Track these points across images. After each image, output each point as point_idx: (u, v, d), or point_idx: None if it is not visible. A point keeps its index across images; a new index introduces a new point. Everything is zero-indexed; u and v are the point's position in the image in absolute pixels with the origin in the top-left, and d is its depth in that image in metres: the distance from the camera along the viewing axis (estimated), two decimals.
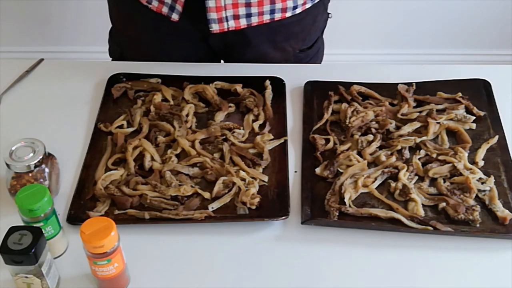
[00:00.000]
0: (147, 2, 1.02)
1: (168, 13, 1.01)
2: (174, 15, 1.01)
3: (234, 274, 0.76)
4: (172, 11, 1.01)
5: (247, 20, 1.02)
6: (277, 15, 1.02)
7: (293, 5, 1.02)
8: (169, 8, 1.01)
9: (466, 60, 2.29)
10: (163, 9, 1.01)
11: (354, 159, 0.86)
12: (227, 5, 0.98)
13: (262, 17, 1.01)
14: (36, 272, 0.69)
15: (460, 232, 0.78)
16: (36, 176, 0.79)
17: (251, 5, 0.98)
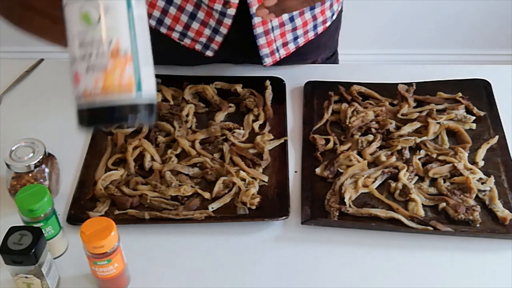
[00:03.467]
0: (178, 39, 1.00)
1: (202, 50, 1.01)
2: (208, 52, 1.01)
3: (234, 274, 0.76)
4: (206, 49, 1.00)
5: (294, 43, 1.03)
6: (319, 29, 1.02)
7: (331, 13, 1.02)
8: (203, 46, 1.00)
9: (466, 60, 2.29)
10: (196, 46, 1.00)
11: (354, 159, 0.86)
12: (276, 36, 0.98)
13: (308, 35, 1.02)
14: (36, 272, 0.68)
15: (460, 232, 0.78)
16: (36, 176, 0.79)
17: (296, 28, 0.99)
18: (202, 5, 0.94)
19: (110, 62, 0.39)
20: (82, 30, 0.40)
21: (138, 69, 0.41)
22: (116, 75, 0.40)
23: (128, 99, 0.41)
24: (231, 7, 0.92)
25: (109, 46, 0.40)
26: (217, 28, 0.96)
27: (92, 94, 0.40)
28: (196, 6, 0.95)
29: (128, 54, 0.40)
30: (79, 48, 0.40)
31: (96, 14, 0.39)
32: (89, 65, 0.40)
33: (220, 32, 0.97)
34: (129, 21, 0.40)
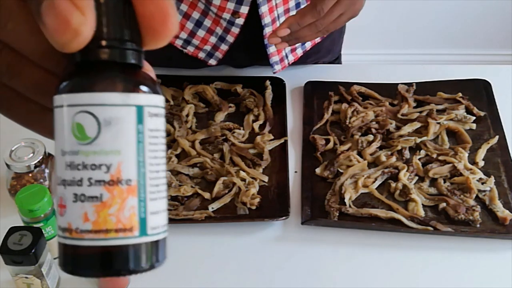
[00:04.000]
0: (181, 47, 1.00)
1: (205, 58, 1.00)
2: (211, 61, 1.00)
3: (234, 274, 0.76)
4: (210, 57, 1.00)
5: (302, 48, 1.02)
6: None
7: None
8: (207, 54, 1.00)
9: (466, 60, 2.30)
10: (200, 54, 1.00)
11: (354, 159, 0.86)
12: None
13: (315, 39, 1.02)
14: (36, 273, 0.68)
15: (460, 232, 0.78)
16: (36, 176, 0.79)
17: None
18: (210, 13, 0.94)
19: (106, 193, 0.29)
20: (73, 146, 0.29)
21: (145, 204, 0.30)
22: (113, 210, 0.29)
23: (126, 242, 0.30)
24: (240, 17, 0.92)
25: (107, 172, 0.29)
26: (224, 36, 0.96)
27: (78, 231, 0.29)
28: (203, 13, 0.94)
29: (132, 184, 0.30)
30: (67, 168, 0.29)
31: (94, 129, 0.29)
32: (78, 193, 0.29)
33: (226, 41, 0.96)
34: (137, 140, 0.30)
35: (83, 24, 0.26)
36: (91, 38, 0.27)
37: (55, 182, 0.31)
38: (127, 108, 0.29)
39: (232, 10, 0.90)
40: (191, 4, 0.93)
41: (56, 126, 0.30)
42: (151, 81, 0.31)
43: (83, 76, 0.29)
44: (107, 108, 0.29)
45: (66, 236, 0.30)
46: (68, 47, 0.27)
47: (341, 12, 0.83)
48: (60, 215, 0.30)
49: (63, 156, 0.30)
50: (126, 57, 0.30)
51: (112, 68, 0.30)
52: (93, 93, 0.29)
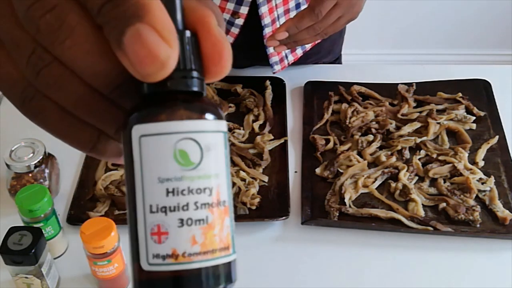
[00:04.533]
0: None
1: None
2: None
3: None
4: None
5: (302, 48, 1.02)
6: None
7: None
8: None
9: (466, 60, 2.30)
10: None
11: (354, 159, 0.86)
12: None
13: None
14: (36, 273, 0.68)
15: (460, 232, 0.78)
16: (36, 176, 0.79)
17: None
18: None
19: (211, 215, 0.31)
20: (174, 173, 0.30)
21: (232, 223, 0.32)
22: (216, 231, 0.31)
23: (226, 260, 0.32)
24: (240, 18, 0.92)
25: (210, 195, 0.31)
26: None
27: (186, 255, 0.30)
28: None
29: (226, 205, 0.32)
30: (168, 195, 0.30)
31: (197, 155, 0.30)
32: (185, 218, 0.30)
33: None
34: (226, 164, 0.32)
35: (170, 57, 0.27)
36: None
37: (142, 211, 0.31)
38: (218, 135, 0.31)
39: (232, 11, 0.90)
40: None
41: (147, 154, 0.30)
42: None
43: (178, 104, 0.30)
44: (207, 135, 0.30)
45: (170, 263, 0.30)
46: (153, 77, 0.27)
47: (340, 15, 0.83)
48: (156, 243, 0.30)
49: (162, 183, 0.30)
50: (203, 86, 0.32)
51: (198, 97, 0.32)
52: (194, 120, 0.30)
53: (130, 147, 0.30)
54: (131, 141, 0.30)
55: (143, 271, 0.30)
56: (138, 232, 0.31)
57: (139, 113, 0.30)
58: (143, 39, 0.26)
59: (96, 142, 0.33)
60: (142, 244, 0.30)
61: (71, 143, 0.33)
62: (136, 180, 0.30)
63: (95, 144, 0.33)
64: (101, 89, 0.30)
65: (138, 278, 0.31)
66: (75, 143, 0.33)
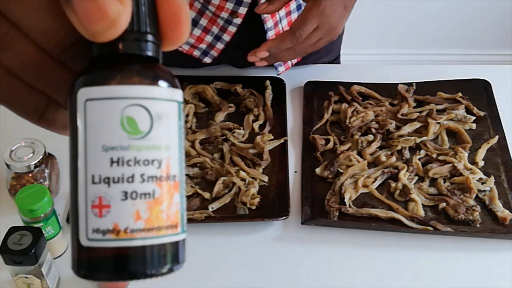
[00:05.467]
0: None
1: (200, 56, 1.00)
2: (206, 59, 1.00)
3: (234, 274, 0.76)
4: (205, 55, 1.00)
5: None
6: None
7: None
8: (202, 52, 0.99)
9: (466, 60, 2.30)
10: (194, 53, 1.00)
11: (354, 159, 0.86)
12: None
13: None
14: (36, 272, 0.68)
15: (460, 232, 0.78)
16: (36, 176, 0.79)
17: None
18: (206, 12, 0.94)
19: (158, 189, 0.28)
20: (120, 141, 0.27)
21: (183, 200, 0.30)
22: (164, 207, 0.28)
23: (173, 239, 0.29)
24: (238, 17, 0.92)
25: (158, 168, 0.28)
26: (220, 35, 0.96)
27: (128, 230, 0.27)
28: (199, 13, 0.94)
29: (177, 179, 0.29)
30: (113, 165, 0.27)
31: (147, 123, 0.28)
32: (129, 191, 0.27)
33: (222, 39, 0.96)
34: (179, 136, 0.29)
35: (121, 14, 0.25)
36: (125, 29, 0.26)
37: (84, 181, 0.28)
38: (172, 104, 0.29)
39: (230, 10, 0.91)
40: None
41: (92, 119, 0.28)
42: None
43: (129, 68, 0.28)
44: (158, 103, 0.28)
45: (110, 238, 0.27)
46: (101, 37, 0.25)
47: (319, 37, 0.85)
48: (97, 217, 0.28)
49: (107, 152, 0.27)
50: (159, 52, 0.29)
51: (153, 63, 0.29)
52: (146, 86, 0.28)
53: (74, 112, 0.28)
54: (76, 106, 0.28)
55: (82, 247, 0.28)
56: (79, 205, 0.28)
57: (86, 76, 0.28)
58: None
59: (44, 110, 0.31)
60: (82, 218, 0.28)
61: (18, 111, 0.30)
62: (79, 147, 0.28)
63: (44, 113, 0.31)
64: (51, 50, 0.28)
65: (76, 256, 0.28)
66: (22, 111, 0.30)
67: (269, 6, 0.85)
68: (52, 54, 0.28)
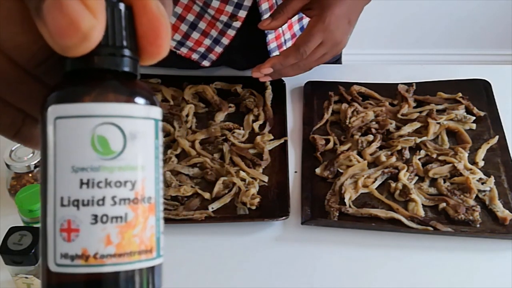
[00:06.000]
0: (175, 48, 0.99)
1: (198, 59, 1.00)
2: (205, 62, 1.00)
3: (234, 274, 0.76)
4: (203, 58, 1.00)
5: None
6: None
7: None
8: (200, 56, 0.99)
9: (466, 60, 2.30)
10: (193, 56, 1.00)
11: (354, 159, 0.86)
12: (287, 41, 0.98)
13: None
14: (36, 273, 0.69)
15: (460, 232, 0.78)
16: (36, 176, 0.79)
17: None
18: (205, 15, 0.93)
19: (131, 212, 0.27)
20: (92, 162, 0.26)
21: (159, 223, 0.28)
22: (137, 231, 0.27)
23: (147, 265, 0.28)
24: (238, 20, 0.92)
25: (132, 190, 0.27)
26: (219, 38, 0.96)
27: (98, 256, 0.26)
28: (198, 16, 0.94)
29: (152, 202, 0.28)
30: (82, 187, 0.26)
31: (119, 143, 0.26)
32: (99, 214, 0.26)
33: (221, 43, 0.96)
34: (155, 156, 0.28)
35: (94, 28, 0.24)
36: (98, 43, 0.25)
37: (53, 203, 0.27)
38: (148, 122, 0.28)
39: (230, 13, 0.90)
40: (186, 6, 0.93)
41: (61, 138, 0.26)
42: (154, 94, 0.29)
43: (102, 84, 0.27)
44: (132, 121, 0.27)
45: (79, 264, 0.26)
46: (73, 51, 0.24)
47: (324, 52, 0.85)
48: (65, 241, 0.26)
49: (76, 173, 0.26)
50: (137, 67, 0.28)
51: (129, 79, 0.28)
52: (119, 103, 0.27)
53: (45, 130, 0.27)
54: (46, 123, 0.27)
55: (51, 272, 0.27)
56: (47, 228, 0.27)
57: (57, 92, 0.27)
58: (64, 7, 0.23)
59: (20, 126, 0.29)
60: (50, 242, 0.27)
61: None
62: (48, 168, 0.27)
63: (20, 129, 0.29)
64: (24, 64, 0.27)
65: (46, 281, 0.27)
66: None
67: (273, 22, 0.85)
68: (26, 68, 0.27)
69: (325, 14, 0.82)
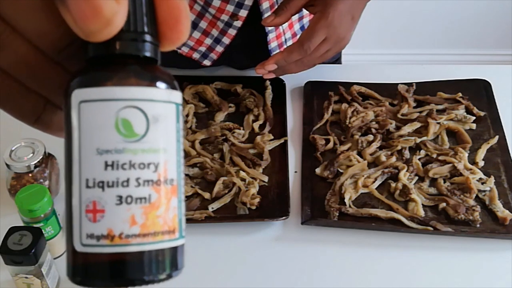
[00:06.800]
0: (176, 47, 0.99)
1: (199, 59, 1.00)
2: (206, 62, 1.00)
3: (234, 274, 0.76)
4: (204, 58, 1.00)
5: None
6: None
7: None
8: (201, 55, 0.99)
9: (466, 60, 2.30)
10: (194, 55, 1.00)
11: (354, 159, 0.86)
12: (288, 40, 0.98)
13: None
14: (36, 273, 0.68)
15: (460, 232, 0.78)
16: (36, 177, 0.79)
17: None
18: (206, 14, 0.93)
19: (154, 193, 0.27)
20: (115, 144, 0.27)
21: (181, 205, 0.29)
22: (160, 212, 0.27)
23: (170, 245, 0.29)
24: (238, 20, 0.92)
25: (155, 172, 0.27)
26: (220, 38, 0.96)
27: (123, 236, 0.27)
28: (199, 15, 0.94)
29: (174, 184, 0.28)
30: (107, 168, 0.27)
31: (142, 126, 0.27)
32: (124, 195, 0.27)
33: (222, 42, 0.96)
34: (177, 139, 0.28)
35: (116, 13, 0.24)
36: (120, 29, 0.25)
37: (78, 185, 0.27)
38: (170, 105, 0.28)
39: (231, 13, 0.90)
40: None
41: (86, 121, 0.27)
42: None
43: (124, 69, 0.28)
44: (155, 104, 0.27)
45: (104, 244, 0.27)
46: (96, 36, 0.25)
47: (328, 49, 0.85)
48: (91, 222, 0.27)
49: (101, 155, 0.27)
50: (157, 53, 0.29)
51: (150, 63, 0.28)
52: (141, 87, 0.27)
53: (69, 114, 0.28)
54: (71, 108, 0.27)
55: (76, 252, 0.27)
56: (73, 209, 0.28)
57: (81, 77, 0.27)
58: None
59: (41, 112, 0.30)
60: (76, 223, 0.27)
61: (14, 113, 0.30)
62: (73, 151, 0.27)
63: (41, 115, 0.30)
64: (47, 50, 0.28)
65: (71, 261, 0.28)
66: (18, 112, 0.30)
67: (276, 19, 0.85)
68: (49, 55, 0.28)
69: (328, 10, 0.82)
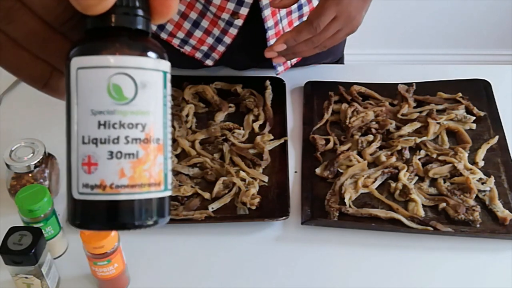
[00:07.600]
0: (178, 46, 0.99)
1: (202, 58, 1.00)
2: (208, 61, 1.00)
3: (234, 274, 0.76)
4: (207, 57, 1.00)
5: None
6: None
7: None
8: (203, 54, 0.99)
9: (466, 60, 2.30)
10: (196, 54, 1.00)
11: (354, 159, 0.86)
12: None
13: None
14: (36, 273, 0.68)
15: (460, 232, 0.78)
16: (36, 177, 0.79)
17: None
18: (207, 13, 0.93)
19: (142, 150, 0.31)
20: (107, 106, 0.30)
21: (167, 161, 0.33)
22: (147, 166, 0.31)
23: (156, 195, 0.33)
24: (239, 18, 0.91)
25: (142, 131, 0.31)
26: (221, 37, 0.96)
27: (114, 186, 0.31)
28: (200, 14, 0.94)
29: (160, 142, 0.32)
30: (100, 127, 0.31)
31: (131, 91, 0.31)
32: (114, 151, 0.31)
33: (223, 42, 0.96)
34: (163, 103, 0.32)
35: None
36: (114, 3, 0.29)
37: (76, 141, 0.32)
38: (157, 73, 0.32)
39: (231, 11, 0.90)
40: (188, 4, 0.93)
41: (82, 86, 0.31)
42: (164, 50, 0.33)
43: (117, 40, 0.31)
44: (143, 72, 0.31)
45: (97, 193, 0.31)
46: (92, 9, 0.28)
47: (338, 28, 0.83)
48: (86, 173, 0.31)
49: (95, 116, 0.31)
50: (149, 26, 0.32)
51: (141, 35, 0.32)
52: (131, 56, 0.31)
53: (68, 79, 0.32)
54: (70, 73, 0.32)
55: (74, 199, 0.32)
56: (71, 163, 0.32)
57: (79, 46, 0.31)
58: None
59: (48, 78, 0.34)
60: (74, 174, 0.32)
61: (24, 78, 0.34)
62: (72, 111, 0.32)
63: (48, 81, 0.34)
64: (52, 22, 0.31)
65: (70, 208, 0.32)
66: (28, 78, 0.34)
67: (284, 0, 0.84)
68: (54, 27, 0.32)
69: None
